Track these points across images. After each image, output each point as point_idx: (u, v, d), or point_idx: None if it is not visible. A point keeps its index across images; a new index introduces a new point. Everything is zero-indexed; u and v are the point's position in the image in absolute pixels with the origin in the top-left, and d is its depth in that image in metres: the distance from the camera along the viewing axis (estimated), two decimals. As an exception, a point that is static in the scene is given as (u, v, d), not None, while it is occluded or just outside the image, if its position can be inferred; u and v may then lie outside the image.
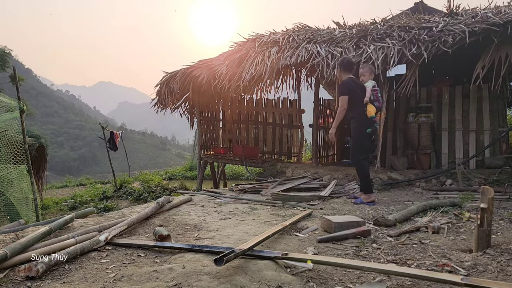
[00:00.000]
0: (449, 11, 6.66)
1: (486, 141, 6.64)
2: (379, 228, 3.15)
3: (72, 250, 2.28)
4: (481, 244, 2.39)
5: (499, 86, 5.62)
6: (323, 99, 9.05)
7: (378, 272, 1.98)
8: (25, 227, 3.16)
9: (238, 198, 4.83)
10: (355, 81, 4.60)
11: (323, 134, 9.18)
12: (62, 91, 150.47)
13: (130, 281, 1.91)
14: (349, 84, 4.51)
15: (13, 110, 5.23)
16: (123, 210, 4.23)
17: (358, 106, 4.44)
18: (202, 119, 8.86)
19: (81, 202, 9.58)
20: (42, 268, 1.99)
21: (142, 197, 9.07)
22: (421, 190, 5.44)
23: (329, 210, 4.01)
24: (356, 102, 4.44)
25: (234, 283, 1.81)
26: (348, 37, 6.56)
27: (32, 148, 8.16)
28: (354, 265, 2.00)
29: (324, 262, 2.09)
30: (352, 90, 4.47)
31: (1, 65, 15.23)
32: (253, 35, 8.04)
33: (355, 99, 4.44)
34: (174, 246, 2.49)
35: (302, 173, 6.66)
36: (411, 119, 7.00)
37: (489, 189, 2.36)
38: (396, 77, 7.17)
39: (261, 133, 9.21)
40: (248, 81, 6.65)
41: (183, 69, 7.99)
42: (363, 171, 4.53)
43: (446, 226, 3.11)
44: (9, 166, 5.35)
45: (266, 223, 3.35)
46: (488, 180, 5.67)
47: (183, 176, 13.34)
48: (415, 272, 1.86)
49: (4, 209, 5.61)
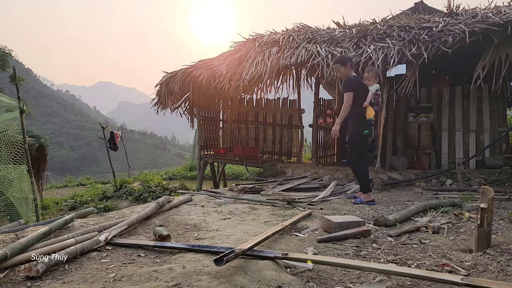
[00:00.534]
0: (449, 11, 6.66)
1: (486, 141, 6.65)
2: (379, 228, 3.15)
3: (72, 250, 2.28)
4: (481, 244, 2.39)
5: (499, 86, 5.62)
6: (323, 99, 9.05)
7: (378, 272, 1.98)
8: (25, 227, 3.16)
9: (238, 198, 4.83)
10: (359, 80, 4.60)
11: (323, 134, 9.18)
12: (62, 91, 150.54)
13: (130, 281, 1.91)
14: (355, 82, 4.51)
15: (13, 110, 5.23)
16: (123, 210, 4.23)
17: (359, 106, 4.45)
18: (202, 119, 8.86)
19: (81, 202, 9.57)
20: (42, 268, 1.99)
21: (142, 197, 9.07)
22: (421, 190, 5.44)
23: (329, 210, 4.01)
24: (357, 102, 4.43)
25: (234, 283, 1.81)
26: (348, 37, 6.56)
27: (32, 148, 8.16)
28: (354, 265, 2.00)
29: (324, 262, 2.09)
30: (357, 88, 4.47)
31: (1, 65, 15.22)
32: (253, 35, 8.05)
33: (358, 98, 4.43)
34: (174, 246, 2.48)
35: (302, 173, 6.66)
36: (411, 119, 7.00)
37: (489, 189, 2.36)
38: (396, 77, 7.17)
39: (261, 133, 9.21)
40: (248, 81, 6.65)
41: (183, 69, 7.99)
42: (360, 171, 4.52)
43: (446, 226, 3.11)
44: (9, 166, 5.35)
45: (266, 223, 3.35)
46: (488, 180, 5.67)
47: (183, 176, 13.33)
48: (415, 272, 1.86)
49: (4, 209, 5.61)
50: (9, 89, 11.92)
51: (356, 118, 4.46)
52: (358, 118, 4.45)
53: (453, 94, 7.06)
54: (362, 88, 4.52)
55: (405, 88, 5.81)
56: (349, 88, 4.44)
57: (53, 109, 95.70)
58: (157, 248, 2.50)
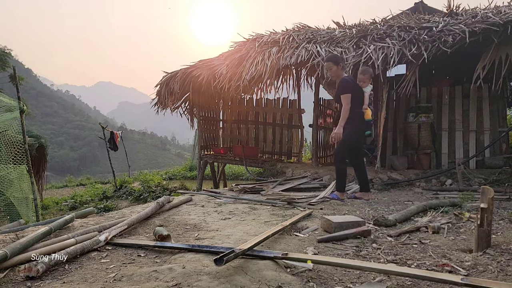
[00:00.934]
0: (449, 11, 6.66)
1: (486, 141, 6.65)
2: (379, 228, 3.15)
3: (72, 250, 2.28)
4: (481, 244, 2.38)
5: (499, 86, 5.62)
6: (323, 99, 9.05)
7: (378, 272, 1.98)
8: (25, 227, 3.16)
9: (238, 198, 4.83)
10: (354, 81, 4.61)
11: (323, 134, 9.18)
12: (62, 91, 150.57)
13: (130, 281, 1.91)
14: (351, 83, 4.51)
15: (13, 110, 5.23)
16: (123, 210, 4.23)
17: (357, 107, 4.44)
18: (202, 119, 8.86)
19: (81, 202, 9.58)
20: (42, 268, 1.99)
21: (142, 197, 9.07)
22: (421, 190, 5.44)
23: (329, 210, 4.01)
24: (355, 103, 4.43)
25: (234, 283, 1.81)
26: (348, 37, 6.56)
27: (32, 148, 8.16)
28: (354, 265, 2.00)
29: (324, 262, 2.09)
30: (354, 89, 4.47)
31: (1, 65, 15.22)
32: (253, 35, 8.05)
33: (355, 99, 4.43)
34: (174, 246, 2.48)
35: (302, 173, 6.67)
36: (411, 119, 7.00)
37: (489, 189, 2.35)
38: (396, 77, 7.17)
39: (261, 133, 9.21)
40: (248, 81, 6.65)
41: (183, 69, 8.00)
42: (341, 169, 4.59)
43: (446, 226, 3.10)
44: (9, 166, 5.35)
45: (266, 223, 3.35)
46: (488, 180, 5.67)
47: (183, 176, 13.33)
48: (415, 272, 1.85)
49: (4, 209, 5.61)
50: (9, 89, 11.89)
51: (356, 119, 4.44)
52: (358, 119, 4.45)
53: (453, 94, 7.06)
54: (358, 89, 4.53)
55: (405, 88, 5.81)
56: (346, 89, 4.42)
57: (53, 109, 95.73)
58: (157, 248, 2.50)
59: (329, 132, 9.87)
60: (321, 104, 8.56)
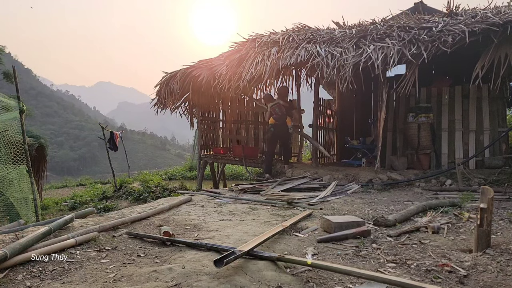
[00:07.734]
0: (448, 11, 6.66)
1: (486, 141, 6.64)
2: (379, 228, 3.15)
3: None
4: (481, 244, 2.39)
5: (498, 86, 5.61)
6: (323, 99, 9.05)
7: (366, 278, 1.88)
8: (25, 227, 3.16)
9: (238, 198, 4.82)
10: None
11: (323, 134, 9.18)
12: (61, 91, 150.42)
13: (130, 281, 1.91)
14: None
15: (13, 110, 5.22)
16: (123, 210, 4.22)
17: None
18: (202, 119, 8.85)
19: (81, 202, 9.57)
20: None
21: (142, 197, 9.07)
22: (421, 190, 5.44)
23: (329, 210, 4.01)
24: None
25: (234, 283, 1.81)
26: (348, 37, 6.56)
27: (31, 148, 8.15)
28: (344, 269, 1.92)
29: (318, 266, 2.04)
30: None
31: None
32: (253, 35, 8.04)
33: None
34: (186, 242, 2.58)
35: (302, 173, 6.67)
36: (411, 119, 7.00)
37: (488, 189, 2.36)
38: (396, 77, 7.17)
39: (261, 133, 9.21)
40: (248, 81, 6.65)
41: (183, 69, 7.99)
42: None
43: (446, 226, 3.10)
44: (9, 166, 5.35)
45: (266, 223, 3.35)
46: (488, 180, 5.67)
47: (183, 176, 13.32)
48: (402, 280, 1.76)
49: (4, 209, 5.60)
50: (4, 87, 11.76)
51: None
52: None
53: (452, 94, 7.06)
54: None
55: (404, 88, 5.81)
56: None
57: (52, 109, 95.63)
58: (169, 243, 2.63)
59: (329, 132, 9.88)
60: (320, 104, 8.56)
